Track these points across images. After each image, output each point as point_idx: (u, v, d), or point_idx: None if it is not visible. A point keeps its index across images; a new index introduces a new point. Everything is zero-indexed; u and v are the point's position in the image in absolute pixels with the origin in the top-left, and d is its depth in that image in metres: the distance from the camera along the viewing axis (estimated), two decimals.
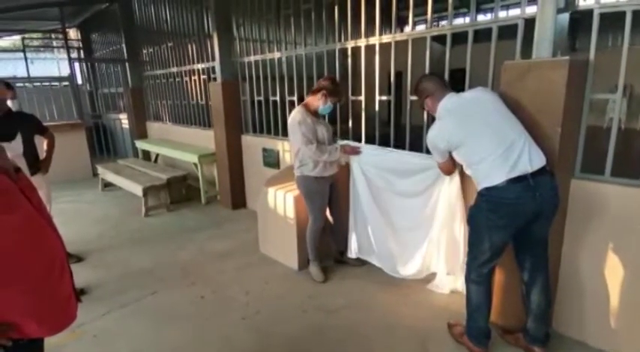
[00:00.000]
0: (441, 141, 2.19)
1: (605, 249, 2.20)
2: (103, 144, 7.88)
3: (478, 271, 2.21)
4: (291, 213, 3.30)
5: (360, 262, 3.37)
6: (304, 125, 2.89)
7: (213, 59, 5.05)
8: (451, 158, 2.27)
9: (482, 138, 2.04)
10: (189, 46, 5.73)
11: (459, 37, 2.78)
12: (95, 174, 6.75)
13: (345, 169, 3.25)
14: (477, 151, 2.05)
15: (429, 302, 2.88)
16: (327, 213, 3.27)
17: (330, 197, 3.17)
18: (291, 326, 2.65)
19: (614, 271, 2.19)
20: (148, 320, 2.76)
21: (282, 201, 3.37)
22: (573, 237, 2.31)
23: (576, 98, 2.16)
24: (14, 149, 2.92)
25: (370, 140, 3.47)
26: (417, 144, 3.10)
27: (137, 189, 5.02)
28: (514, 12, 8.91)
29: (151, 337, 2.59)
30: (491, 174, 2.00)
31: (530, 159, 1.96)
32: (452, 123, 2.14)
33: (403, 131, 3.22)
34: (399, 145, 3.24)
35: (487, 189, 2.03)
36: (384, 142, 3.33)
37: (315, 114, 3.02)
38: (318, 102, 2.96)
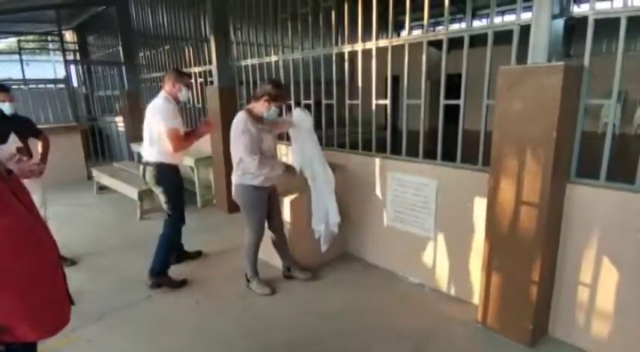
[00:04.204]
0: None
1: (601, 252, 2.21)
2: (99, 147, 7.84)
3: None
4: (287, 216, 3.29)
5: (309, 275, 3.29)
6: (248, 135, 2.73)
7: (210, 63, 5.05)
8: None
9: None
10: (186, 50, 5.73)
11: (456, 42, 2.80)
12: (90, 177, 6.70)
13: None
14: None
15: (426, 305, 2.87)
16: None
17: (270, 209, 3.07)
18: (288, 331, 2.64)
19: (610, 275, 2.19)
20: (142, 325, 2.74)
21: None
22: (569, 241, 2.32)
23: (571, 103, 2.18)
24: (7, 151, 2.89)
25: (367, 144, 3.49)
26: (413, 149, 3.12)
27: (133, 193, 4.99)
28: (509, 18, 8.96)
29: (146, 342, 2.57)
30: None
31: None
32: None
33: (400, 135, 3.23)
34: (396, 150, 3.26)
35: None
36: (381, 146, 3.35)
37: (260, 120, 2.87)
38: (261, 108, 2.83)
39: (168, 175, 3.16)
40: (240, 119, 2.81)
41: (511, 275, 2.39)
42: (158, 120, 3.05)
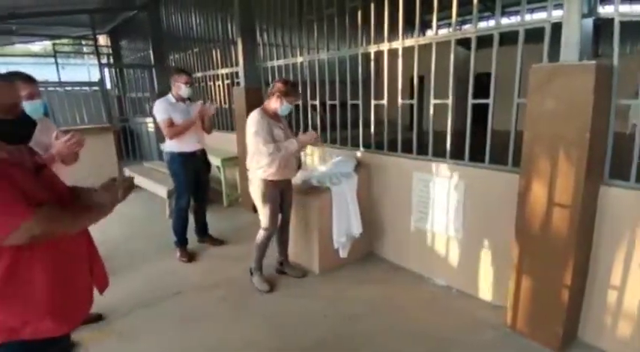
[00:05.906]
0: None
1: (634, 256, 2.13)
2: (130, 147, 8.08)
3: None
4: (315, 221, 3.30)
5: (301, 273, 3.38)
6: (259, 126, 2.89)
7: (237, 64, 5.14)
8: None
9: None
10: (214, 52, 5.85)
11: (483, 41, 2.76)
12: None
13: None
14: None
15: (453, 308, 2.85)
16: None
17: (281, 203, 3.17)
18: (313, 330, 2.66)
19: None
20: (172, 320, 2.82)
21: (303, 204, 3.38)
22: (601, 244, 2.25)
23: (603, 102, 2.12)
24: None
25: (392, 144, 3.47)
26: (440, 149, 3.08)
27: (162, 191, 5.12)
28: (536, 16, 8.74)
29: (175, 336, 2.64)
30: None
31: None
32: None
33: (426, 136, 3.20)
34: (422, 150, 3.23)
35: None
36: (407, 147, 3.33)
37: (275, 116, 3.04)
38: (275, 104, 3.00)
39: (173, 161, 3.73)
40: (253, 114, 3.00)
41: (542, 278, 2.34)
42: (155, 116, 3.66)
